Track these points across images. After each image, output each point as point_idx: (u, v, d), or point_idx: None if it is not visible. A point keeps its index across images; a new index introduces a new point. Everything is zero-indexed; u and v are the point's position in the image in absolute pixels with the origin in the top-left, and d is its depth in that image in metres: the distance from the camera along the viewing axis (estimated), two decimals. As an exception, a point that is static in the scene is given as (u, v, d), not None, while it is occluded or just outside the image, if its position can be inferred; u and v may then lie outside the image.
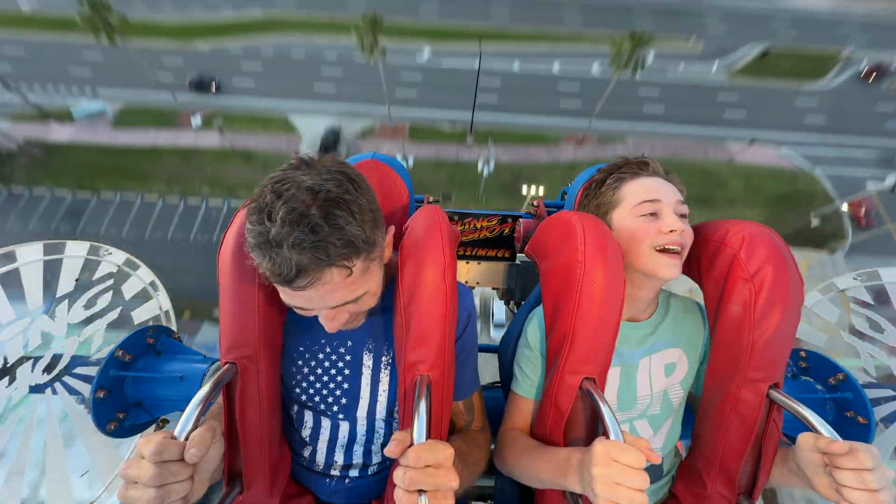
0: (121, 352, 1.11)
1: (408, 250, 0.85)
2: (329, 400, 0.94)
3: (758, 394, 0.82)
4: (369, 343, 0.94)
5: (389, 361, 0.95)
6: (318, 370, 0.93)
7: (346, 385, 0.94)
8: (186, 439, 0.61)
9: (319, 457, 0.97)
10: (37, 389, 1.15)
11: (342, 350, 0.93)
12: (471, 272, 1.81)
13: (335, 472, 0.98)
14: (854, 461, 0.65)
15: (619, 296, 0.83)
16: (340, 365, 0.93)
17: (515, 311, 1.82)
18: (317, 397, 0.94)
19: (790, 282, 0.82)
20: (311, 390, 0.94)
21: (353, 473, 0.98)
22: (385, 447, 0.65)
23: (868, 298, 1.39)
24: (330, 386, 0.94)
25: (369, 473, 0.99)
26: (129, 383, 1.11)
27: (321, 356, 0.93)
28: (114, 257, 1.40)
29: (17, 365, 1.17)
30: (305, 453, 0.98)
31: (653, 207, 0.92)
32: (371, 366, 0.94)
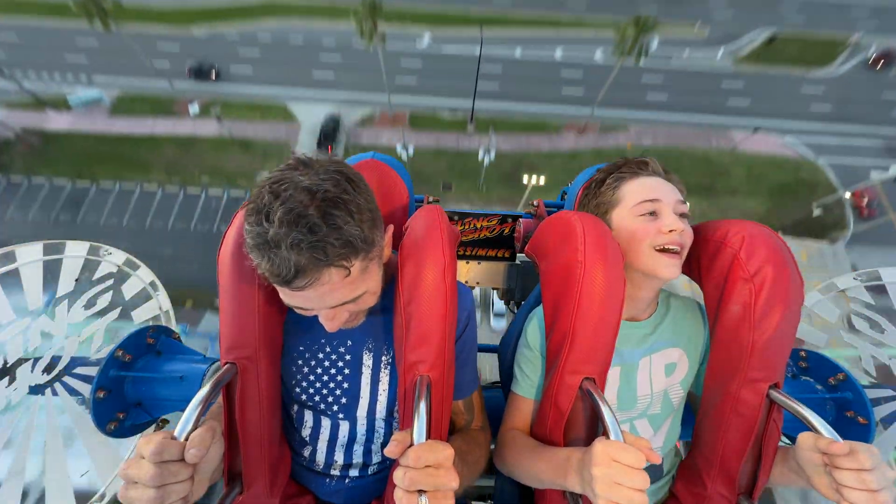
0: (121, 352, 1.11)
1: (408, 250, 0.85)
2: (329, 399, 0.94)
3: (758, 394, 0.82)
4: (369, 342, 0.94)
5: (389, 361, 0.94)
6: (318, 370, 0.93)
7: (346, 384, 0.94)
8: (186, 439, 0.61)
9: (319, 456, 0.98)
10: (37, 390, 1.15)
11: (342, 350, 0.93)
12: (471, 272, 1.81)
13: (335, 472, 0.98)
14: (854, 461, 0.65)
15: (619, 296, 0.83)
16: (340, 364, 0.93)
17: (515, 311, 1.81)
18: (317, 397, 0.94)
19: (790, 282, 0.82)
20: (311, 390, 0.94)
21: (353, 473, 0.99)
22: (385, 447, 0.65)
23: (868, 298, 1.39)
24: (330, 385, 0.94)
25: (369, 473, 1.00)
26: (129, 383, 1.11)
27: (321, 356, 0.93)
28: (114, 257, 1.40)
29: (16, 365, 1.17)
30: (305, 453, 0.98)
31: (652, 207, 0.92)
32: (371, 365, 0.94)
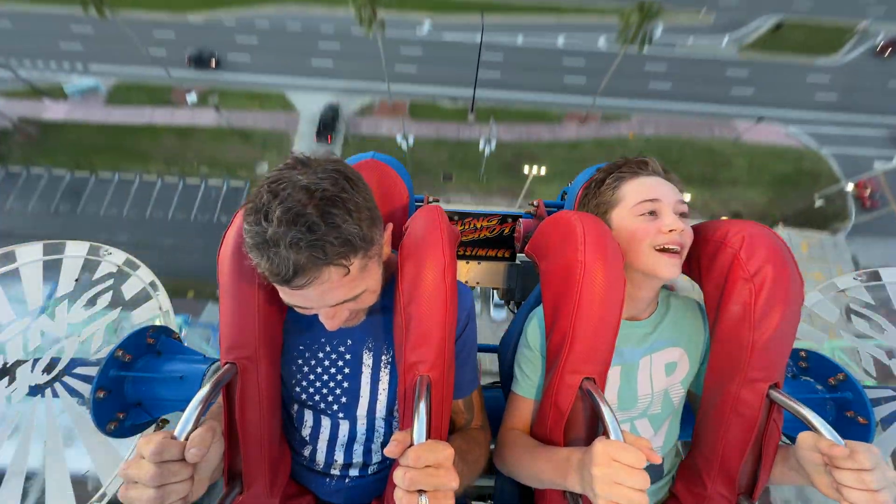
0: (121, 352, 1.11)
1: (408, 250, 0.85)
2: (329, 399, 0.95)
3: (758, 394, 0.82)
4: (369, 342, 0.94)
5: (389, 360, 0.94)
6: (318, 369, 0.94)
7: (345, 384, 0.94)
8: (186, 439, 0.61)
9: (319, 456, 0.98)
10: (36, 390, 1.15)
11: (342, 349, 0.93)
12: (471, 272, 1.81)
13: (335, 472, 0.98)
14: (854, 461, 0.65)
15: (619, 296, 0.83)
16: (340, 364, 0.94)
17: (515, 311, 1.80)
18: (317, 396, 0.95)
19: (790, 281, 0.82)
20: (311, 389, 0.94)
21: (353, 473, 0.99)
22: (385, 447, 0.65)
23: (868, 298, 1.39)
24: (330, 385, 0.94)
25: (369, 473, 1.00)
26: (129, 383, 1.11)
27: (321, 355, 0.93)
28: (114, 257, 1.40)
29: (16, 365, 1.17)
30: (306, 452, 0.98)
31: (652, 207, 0.92)
32: (371, 364, 0.94)
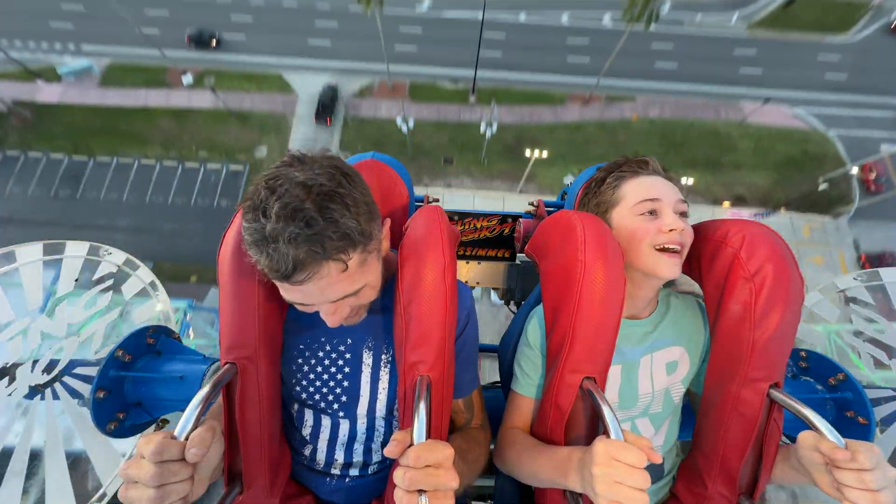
0: (121, 352, 1.11)
1: (408, 250, 0.85)
2: (329, 398, 0.95)
3: (758, 393, 0.82)
4: (369, 341, 0.94)
5: (389, 359, 0.95)
6: (318, 368, 0.94)
7: (346, 383, 0.94)
8: (186, 439, 0.61)
9: (320, 455, 0.98)
10: (36, 390, 1.15)
11: (342, 348, 0.94)
12: (471, 272, 1.81)
13: (335, 471, 0.99)
14: (854, 461, 0.65)
15: (619, 295, 0.83)
16: (340, 363, 0.94)
17: (515, 311, 1.81)
18: (317, 395, 0.95)
19: (791, 281, 0.81)
20: (312, 388, 0.95)
21: (354, 472, 0.99)
22: (385, 446, 0.65)
23: (868, 298, 1.39)
24: (330, 384, 0.94)
25: (369, 473, 1.00)
26: (129, 383, 1.11)
27: (321, 354, 0.94)
28: (114, 257, 1.40)
29: (16, 365, 1.17)
30: (306, 452, 0.99)
31: (652, 206, 0.92)
32: (371, 364, 0.95)
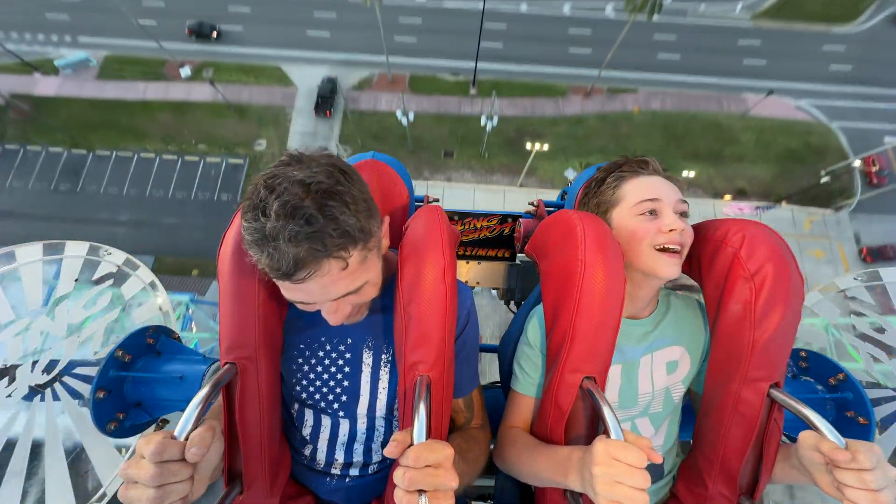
0: (120, 352, 1.12)
1: (408, 250, 0.85)
2: (329, 397, 0.95)
3: (758, 393, 0.82)
4: (369, 340, 0.94)
5: (389, 359, 0.95)
6: (319, 367, 0.94)
7: (346, 382, 0.95)
8: (186, 439, 0.61)
9: (320, 455, 0.99)
10: (36, 390, 1.15)
11: (342, 348, 0.94)
12: (471, 272, 1.81)
13: (336, 471, 0.99)
14: (855, 461, 0.65)
15: (619, 295, 0.83)
16: (340, 362, 0.94)
17: (515, 311, 1.82)
18: (317, 395, 0.95)
19: (791, 280, 0.81)
20: (312, 388, 0.95)
21: (354, 472, 0.99)
22: (385, 446, 0.65)
23: (868, 298, 1.40)
24: (330, 384, 0.94)
25: (369, 472, 1.00)
26: (129, 383, 1.12)
27: (321, 353, 0.94)
28: (114, 257, 1.41)
29: (16, 365, 1.17)
30: (306, 452, 0.99)
31: (652, 206, 0.92)
32: (371, 363, 0.95)
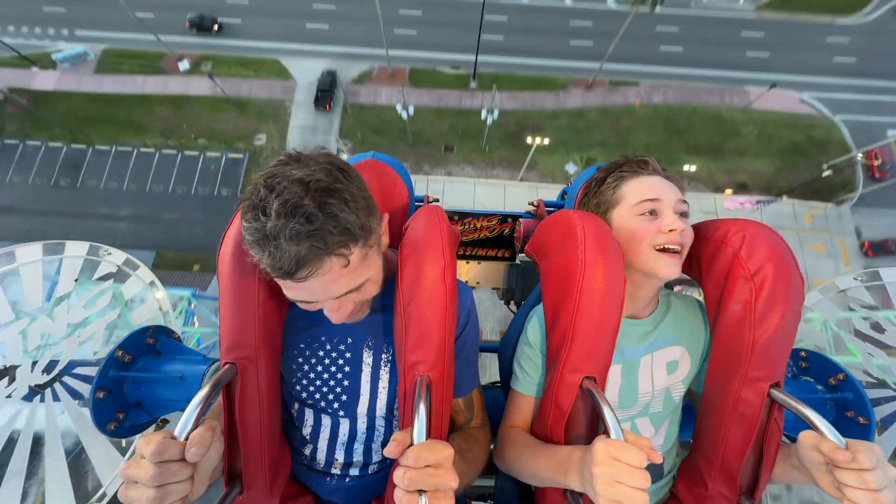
0: (120, 352, 1.12)
1: (408, 250, 0.86)
2: (329, 397, 0.95)
3: (759, 393, 0.82)
4: (369, 340, 0.95)
5: (389, 359, 0.95)
6: (319, 367, 0.94)
7: (346, 382, 0.95)
8: (186, 439, 0.62)
9: (320, 455, 0.99)
10: (36, 390, 1.15)
11: (342, 347, 0.94)
12: (471, 272, 1.81)
13: (336, 471, 0.99)
14: (855, 461, 0.64)
15: (619, 295, 0.83)
16: (340, 362, 0.94)
17: (515, 311, 1.82)
18: (317, 394, 0.95)
19: (791, 280, 0.82)
20: (312, 387, 0.95)
21: (354, 472, 1.00)
22: (385, 446, 0.65)
23: (868, 298, 1.40)
24: (330, 383, 0.95)
25: (369, 472, 1.01)
26: (129, 383, 1.12)
27: (321, 353, 0.94)
28: (113, 257, 1.40)
29: (16, 365, 1.17)
30: (306, 452, 1.00)
31: (652, 206, 0.92)
32: (371, 363, 0.95)
